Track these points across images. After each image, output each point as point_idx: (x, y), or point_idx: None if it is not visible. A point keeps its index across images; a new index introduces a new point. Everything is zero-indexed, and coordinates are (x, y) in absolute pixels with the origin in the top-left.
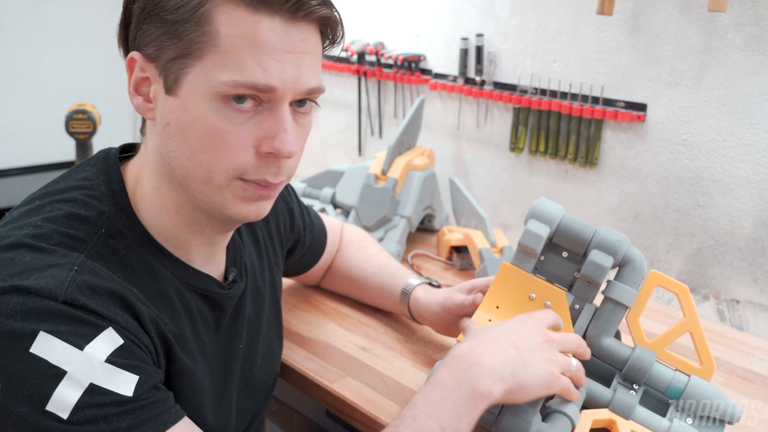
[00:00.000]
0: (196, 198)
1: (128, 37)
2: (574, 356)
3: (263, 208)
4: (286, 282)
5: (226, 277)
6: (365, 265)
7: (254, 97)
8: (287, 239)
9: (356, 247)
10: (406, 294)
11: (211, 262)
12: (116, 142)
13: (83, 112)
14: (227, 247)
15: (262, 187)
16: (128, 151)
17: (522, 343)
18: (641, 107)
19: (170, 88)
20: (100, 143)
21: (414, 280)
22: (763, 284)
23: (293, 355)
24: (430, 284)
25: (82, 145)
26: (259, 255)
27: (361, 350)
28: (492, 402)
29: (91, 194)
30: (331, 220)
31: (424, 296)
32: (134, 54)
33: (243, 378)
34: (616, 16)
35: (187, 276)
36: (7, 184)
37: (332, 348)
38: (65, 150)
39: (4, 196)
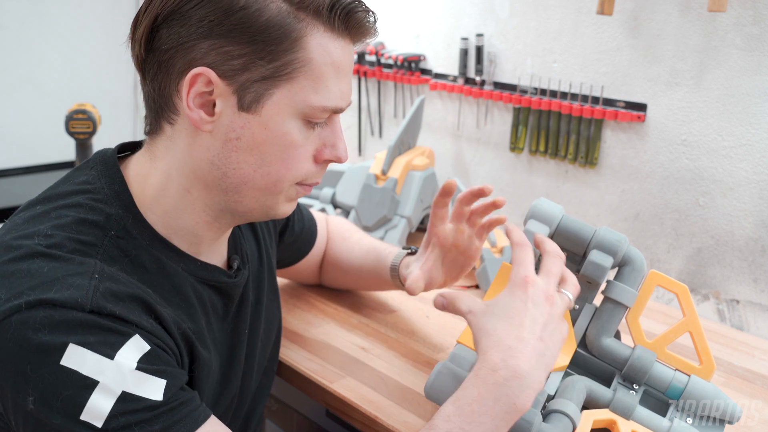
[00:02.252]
0: (241, 202)
1: (153, 40)
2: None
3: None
4: (287, 281)
5: (230, 266)
6: (351, 255)
7: None
8: (278, 222)
9: (341, 239)
10: (395, 270)
11: (216, 253)
12: (116, 142)
13: (83, 112)
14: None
15: (309, 187)
16: (124, 150)
17: (539, 327)
18: (641, 107)
19: (249, 106)
20: (100, 143)
21: (396, 257)
22: (763, 284)
23: (293, 355)
24: (410, 253)
25: (82, 145)
26: (256, 240)
27: (361, 350)
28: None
29: (96, 198)
30: (316, 214)
31: (407, 266)
32: (204, 70)
33: (247, 361)
34: (616, 16)
35: (196, 269)
36: (7, 184)
37: (332, 348)
38: (65, 150)
39: (4, 196)
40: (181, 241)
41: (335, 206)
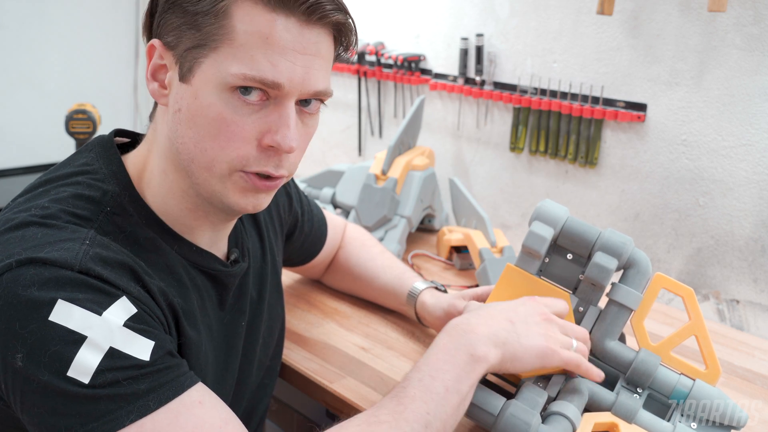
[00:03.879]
0: (199, 185)
1: (152, 26)
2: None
3: (262, 201)
4: (287, 281)
5: (228, 257)
6: (369, 264)
7: (262, 91)
8: (286, 221)
9: (359, 245)
10: (412, 297)
11: (214, 246)
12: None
13: (83, 112)
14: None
15: (262, 179)
16: (121, 135)
17: (517, 318)
18: (641, 107)
19: (184, 76)
20: None
21: (420, 283)
22: (763, 284)
23: (293, 355)
24: (436, 288)
25: (82, 144)
26: (260, 237)
27: (361, 350)
28: (489, 367)
29: (95, 177)
30: (334, 217)
31: (430, 301)
32: (154, 41)
33: (245, 355)
34: (616, 16)
35: (190, 253)
36: (7, 184)
37: (332, 348)
38: (65, 150)
39: (4, 196)
40: (175, 227)
41: (335, 206)
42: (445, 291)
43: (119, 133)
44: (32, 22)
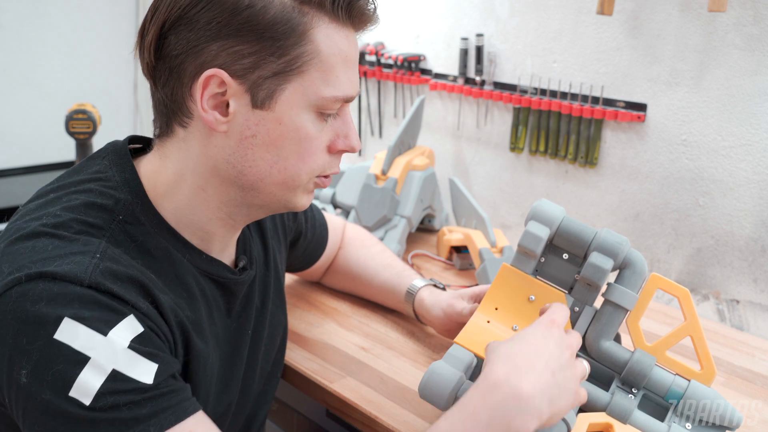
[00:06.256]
0: (260, 197)
1: (162, 47)
2: None
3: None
4: (287, 281)
5: (236, 265)
6: (369, 263)
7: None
8: (290, 229)
9: (359, 245)
10: (411, 295)
11: (225, 252)
12: None
13: (83, 112)
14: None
15: (327, 179)
16: (133, 141)
17: (554, 364)
18: (641, 107)
19: (262, 103)
20: (100, 143)
21: (419, 281)
22: (763, 284)
23: (293, 355)
24: (435, 286)
25: (82, 145)
26: (264, 245)
27: (361, 350)
28: None
29: (107, 185)
30: (333, 218)
31: (429, 299)
32: (216, 71)
33: (248, 363)
34: (616, 16)
35: (201, 262)
36: (7, 184)
37: (332, 348)
38: (65, 150)
39: (4, 196)
40: (192, 237)
41: (335, 206)
42: (443, 289)
43: (132, 139)
44: (32, 22)
